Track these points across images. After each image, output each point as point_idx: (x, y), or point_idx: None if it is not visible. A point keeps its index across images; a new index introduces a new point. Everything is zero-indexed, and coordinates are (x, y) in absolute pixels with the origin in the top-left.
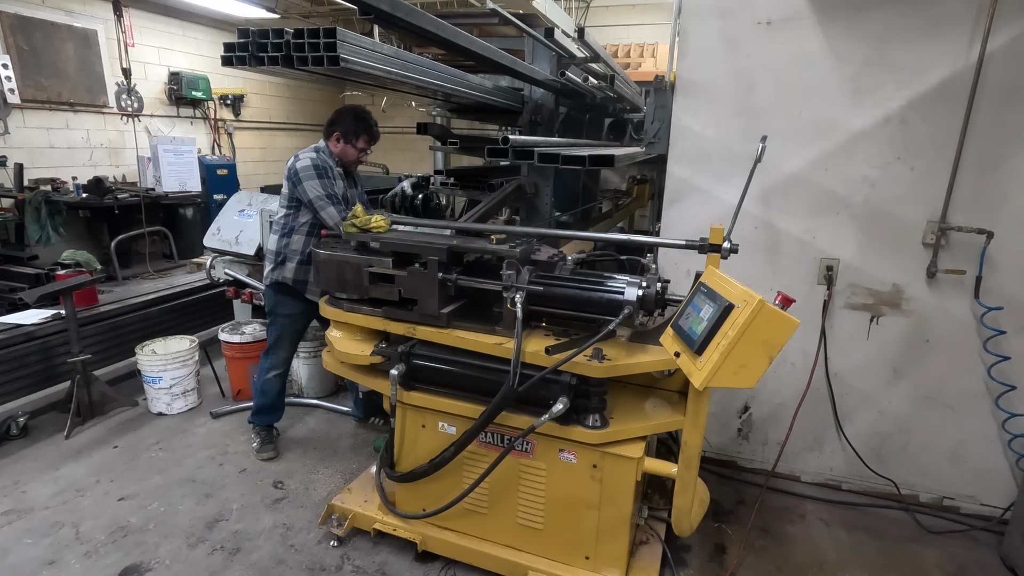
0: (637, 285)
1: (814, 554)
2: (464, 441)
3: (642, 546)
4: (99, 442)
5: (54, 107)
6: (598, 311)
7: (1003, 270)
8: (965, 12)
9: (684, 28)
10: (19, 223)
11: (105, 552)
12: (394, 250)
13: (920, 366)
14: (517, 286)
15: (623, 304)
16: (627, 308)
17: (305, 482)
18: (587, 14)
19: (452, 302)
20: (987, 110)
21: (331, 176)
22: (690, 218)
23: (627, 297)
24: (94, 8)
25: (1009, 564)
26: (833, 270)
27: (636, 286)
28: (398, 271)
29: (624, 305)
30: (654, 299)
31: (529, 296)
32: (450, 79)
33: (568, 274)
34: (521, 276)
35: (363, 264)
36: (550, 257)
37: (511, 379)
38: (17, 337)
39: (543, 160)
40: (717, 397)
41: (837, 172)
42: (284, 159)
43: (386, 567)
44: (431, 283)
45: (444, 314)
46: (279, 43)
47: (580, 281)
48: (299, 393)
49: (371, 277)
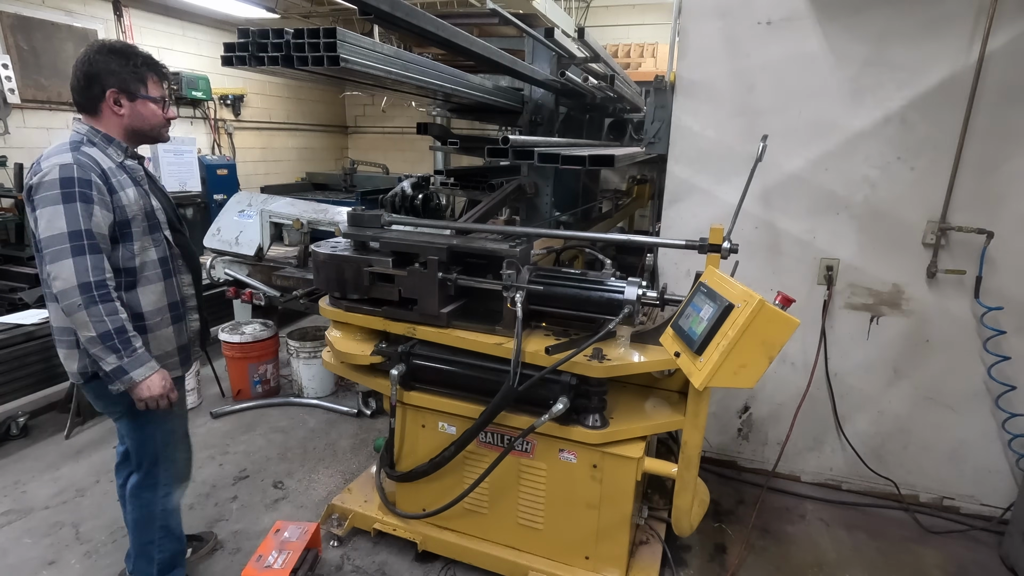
0: (637, 284)
1: (814, 554)
2: (464, 440)
3: (642, 546)
4: (99, 442)
5: (54, 107)
6: (598, 310)
7: (1003, 270)
8: (965, 12)
9: (684, 28)
10: (19, 223)
11: (105, 552)
12: (394, 250)
13: (920, 366)
14: (517, 285)
15: (623, 303)
16: (627, 307)
17: (305, 482)
18: (587, 14)
19: (452, 302)
20: (987, 110)
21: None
22: (690, 218)
23: (627, 296)
24: (94, 8)
25: (1009, 564)
26: (833, 270)
27: (636, 285)
28: (398, 271)
29: (624, 304)
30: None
31: (529, 296)
32: (450, 79)
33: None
34: (521, 276)
35: (363, 264)
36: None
37: (511, 379)
38: (17, 337)
39: (543, 160)
40: (717, 397)
41: (837, 172)
42: (284, 159)
43: (386, 567)
44: (431, 283)
45: (444, 314)
46: (279, 43)
47: (580, 280)
48: (299, 393)
49: (371, 277)
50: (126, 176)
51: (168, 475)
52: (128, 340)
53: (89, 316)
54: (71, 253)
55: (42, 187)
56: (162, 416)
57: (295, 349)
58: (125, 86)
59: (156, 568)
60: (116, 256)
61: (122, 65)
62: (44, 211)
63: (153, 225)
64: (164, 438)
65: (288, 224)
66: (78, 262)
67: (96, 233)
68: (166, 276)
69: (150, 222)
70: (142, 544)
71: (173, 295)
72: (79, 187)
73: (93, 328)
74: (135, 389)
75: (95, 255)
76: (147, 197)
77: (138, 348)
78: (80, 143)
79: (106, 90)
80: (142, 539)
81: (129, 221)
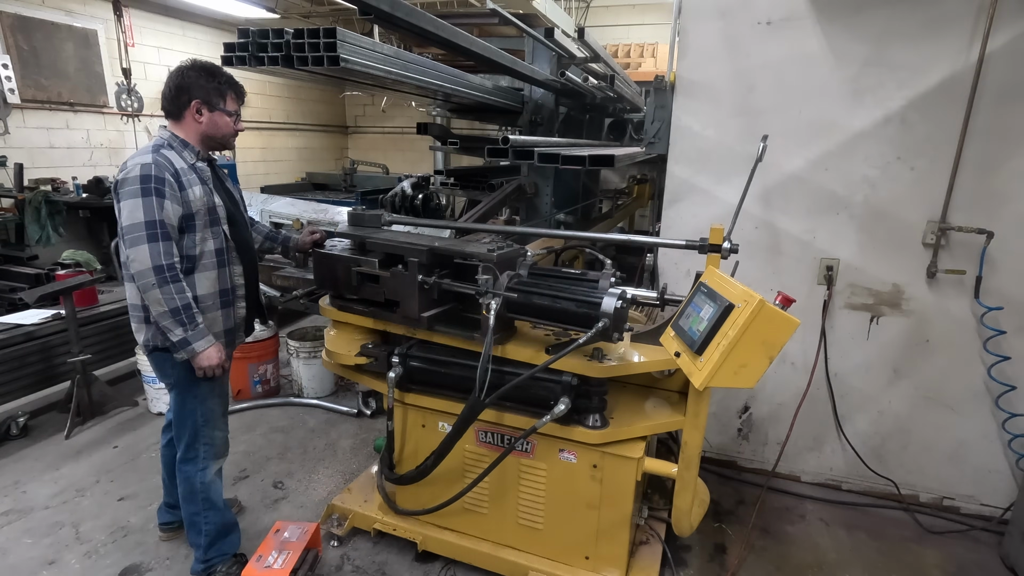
0: (616, 296)
1: (814, 554)
2: (442, 451)
3: (642, 546)
4: (99, 442)
5: (54, 107)
6: (574, 323)
7: (1003, 270)
8: (965, 12)
9: (684, 28)
10: (19, 223)
11: (105, 552)
12: (380, 250)
13: (920, 366)
14: (493, 292)
15: (599, 316)
16: (602, 321)
17: (305, 482)
18: (587, 14)
19: (436, 305)
20: (987, 110)
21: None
22: (690, 218)
23: (604, 309)
24: (94, 8)
25: (1009, 564)
26: (833, 270)
27: (615, 297)
28: (383, 272)
29: (600, 318)
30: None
31: (508, 303)
32: (450, 79)
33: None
34: (499, 282)
35: (352, 264)
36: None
37: (477, 391)
38: (17, 337)
39: (543, 160)
40: (717, 397)
41: (837, 172)
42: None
43: (386, 567)
44: (411, 285)
45: (425, 317)
46: (279, 43)
47: (570, 284)
48: (299, 393)
49: (359, 277)
50: (195, 176)
51: (208, 450)
52: (193, 316)
53: (162, 294)
54: (147, 240)
55: (126, 183)
56: (205, 394)
57: (295, 349)
58: (208, 98)
59: (204, 539)
60: (181, 244)
61: (208, 81)
62: (127, 203)
63: (213, 219)
64: (205, 415)
65: (288, 224)
66: (152, 247)
67: (167, 223)
68: (220, 265)
69: (211, 216)
70: (190, 515)
71: (225, 283)
72: (155, 183)
73: (165, 304)
74: (196, 358)
75: (167, 242)
76: (211, 195)
77: (200, 323)
78: (161, 146)
79: (192, 100)
80: (189, 510)
81: (193, 215)
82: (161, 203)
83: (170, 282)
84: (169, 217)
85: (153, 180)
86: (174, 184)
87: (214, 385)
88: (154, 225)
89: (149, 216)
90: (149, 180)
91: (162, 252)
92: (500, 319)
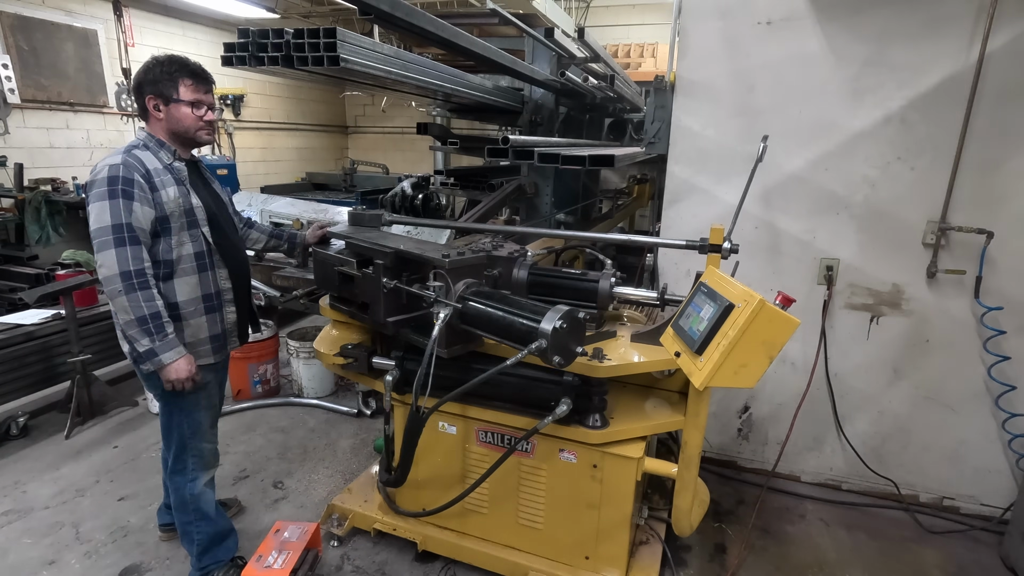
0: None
1: (814, 554)
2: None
3: (642, 546)
4: (99, 442)
5: (54, 107)
6: (518, 340)
7: (1003, 270)
8: (965, 12)
9: (684, 28)
10: (19, 223)
11: (105, 552)
12: (353, 251)
13: (920, 366)
14: (444, 302)
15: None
16: (536, 342)
17: (305, 482)
18: (587, 14)
19: (407, 311)
20: (987, 110)
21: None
22: (690, 218)
23: (541, 328)
24: (94, 8)
25: (1009, 564)
26: (833, 270)
27: (556, 314)
28: (357, 273)
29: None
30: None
31: (463, 315)
32: (450, 79)
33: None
34: (452, 291)
35: (336, 263)
36: (510, 253)
37: (413, 405)
38: (17, 337)
39: (543, 160)
40: (717, 397)
41: (837, 172)
42: (284, 159)
43: (386, 567)
44: (376, 288)
45: (390, 322)
46: (279, 43)
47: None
48: (299, 393)
49: (340, 277)
50: (170, 176)
51: (196, 462)
52: (161, 326)
53: (128, 301)
54: (114, 244)
55: (94, 184)
56: (191, 406)
57: (295, 349)
58: (160, 91)
59: (196, 548)
60: (156, 249)
61: (160, 72)
62: (94, 206)
63: (191, 222)
64: (192, 427)
65: (288, 224)
66: (120, 252)
67: (136, 227)
68: (202, 269)
69: (188, 219)
70: (182, 524)
71: (208, 287)
72: (123, 184)
73: (131, 312)
74: (163, 370)
75: (135, 246)
76: (187, 196)
77: (169, 334)
78: (135, 147)
79: (145, 96)
80: (181, 520)
81: (168, 217)
82: (129, 206)
83: (138, 289)
84: (139, 220)
85: (121, 181)
86: (144, 185)
87: (200, 397)
88: (121, 229)
89: (116, 219)
90: (116, 182)
91: (130, 257)
92: (453, 330)
